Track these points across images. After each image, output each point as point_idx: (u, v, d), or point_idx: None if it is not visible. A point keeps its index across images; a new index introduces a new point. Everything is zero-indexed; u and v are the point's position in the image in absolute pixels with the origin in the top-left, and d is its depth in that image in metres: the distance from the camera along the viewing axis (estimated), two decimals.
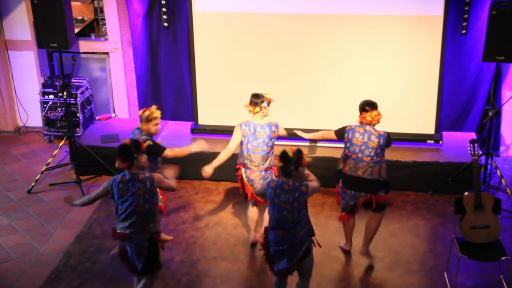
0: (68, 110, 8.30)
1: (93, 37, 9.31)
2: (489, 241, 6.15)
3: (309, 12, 8.03)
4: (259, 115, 6.66)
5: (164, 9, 8.64)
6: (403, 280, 6.50)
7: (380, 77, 8.15)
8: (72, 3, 8.46)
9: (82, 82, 9.27)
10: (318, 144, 8.24)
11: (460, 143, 8.21)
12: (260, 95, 6.63)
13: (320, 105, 8.36)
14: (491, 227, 6.10)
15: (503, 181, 7.84)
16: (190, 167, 8.28)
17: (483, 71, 8.38)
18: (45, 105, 9.21)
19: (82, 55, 9.34)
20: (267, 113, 6.71)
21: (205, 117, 8.66)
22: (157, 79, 9.14)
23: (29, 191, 8.16)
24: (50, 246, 7.13)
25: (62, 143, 8.54)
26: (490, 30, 7.25)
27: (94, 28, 9.46)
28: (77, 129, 9.17)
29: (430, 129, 8.27)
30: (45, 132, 9.39)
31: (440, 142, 8.27)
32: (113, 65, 9.30)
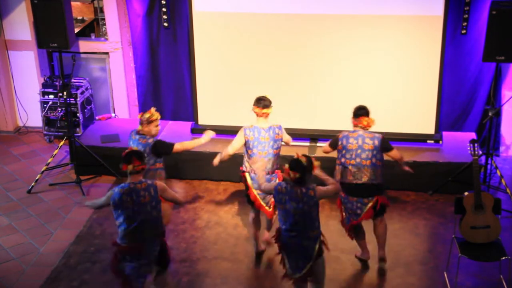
0: (68, 110, 8.31)
1: (93, 37, 9.31)
2: (489, 241, 6.15)
3: (309, 12, 8.03)
4: (263, 119, 6.57)
5: (164, 9, 8.64)
6: (403, 280, 6.50)
7: (380, 77, 8.15)
8: (72, 3, 8.45)
9: (82, 82, 9.27)
10: (318, 144, 8.25)
11: (460, 143, 8.20)
12: (266, 97, 6.58)
13: (320, 105, 8.35)
14: (491, 227, 6.10)
15: (503, 181, 7.84)
16: (190, 167, 8.29)
17: (483, 71, 8.39)
18: (45, 105, 9.21)
19: (82, 55, 9.34)
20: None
21: (205, 117, 8.65)
22: (157, 79, 9.14)
23: (29, 191, 8.16)
24: (50, 246, 7.13)
25: (62, 143, 8.54)
26: (490, 30, 7.25)
27: (94, 28, 9.46)
28: (77, 129, 9.16)
29: (430, 129, 8.27)
30: (45, 132, 9.39)
31: (440, 142, 8.27)
32: (113, 65, 9.29)
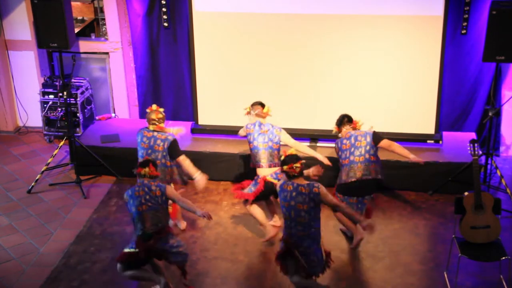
0: (68, 110, 8.30)
1: (93, 37, 9.31)
2: (489, 241, 6.15)
3: (309, 12, 8.02)
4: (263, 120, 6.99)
5: (164, 9, 8.64)
6: (403, 280, 6.50)
7: (380, 77, 8.15)
8: (72, 3, 8.45)
9: (82, 82, 9.27)
10: (318, 144, 8.25)
11: (460, 143, 8.20)
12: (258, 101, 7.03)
13: (320, 105, 8.35)
14: (491, 227, 6.10)
15: (503, 181, 7.84)
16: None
17: (483, 71, 8.38)
18: (45, 105, 9.20)
19: (82, 55, 9.34)
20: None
21: (205, 117, 8.65)
22: (157, 79, 9.14)
23: (29, 191, 8.16)
24: (50, 246, 7.13)
25: (62, 143, 8.53)
26: (490, 30, 7.24)
27: (94, 28, 9.45)
28: (77, 129, 9.16)
29: (430, 129, 8.27)
30: (45, 132, 9.39)
31: (440, 142, 8.27)
32: (113, 65, 9.29)
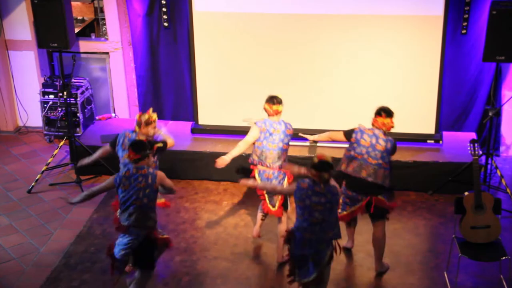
0: (68, 110, 8.31)
1: (93, 37, 9.31)
2: (489, 241, 6.15)
3: (309, 12, 8.02)
4: (274, 117, 6.50)
5: (164, 9, 8.64)
6: (404, 280, 6.50)
7: (380, 77, 8.15)
8: (72, 3, 8.45)
9: (82, 82, 9.26)
10: (318, 144, 8.25)
11: (460, 143, 8.20)
12: (277, 96, 6.52)
13: (321, 105, 8.35)
14: (491, 227, 6.10)
15: (503, 181, 7.84)
16: (190, 167, 8.28)
17: (483, 71, 8.38)
18: (45, 105, 9.20)
19: (82, 55, 9.33)
20: None
21: (205, 117, 8.65)
22: (157, 79, 9.14)
23: (29, 191, 8.16)
24: (50, 246, 7.13)
25: (62, 143, 8.53)
26: (490, 30, 7.24)
27: (94, 28, 9.45)
28: (77, 129, 9.16)
29: (430, 129, 8.27)
30: (45, 132, 9.38)
31: (440, 142, 8.27)
32: (113, 65, 9.29)
